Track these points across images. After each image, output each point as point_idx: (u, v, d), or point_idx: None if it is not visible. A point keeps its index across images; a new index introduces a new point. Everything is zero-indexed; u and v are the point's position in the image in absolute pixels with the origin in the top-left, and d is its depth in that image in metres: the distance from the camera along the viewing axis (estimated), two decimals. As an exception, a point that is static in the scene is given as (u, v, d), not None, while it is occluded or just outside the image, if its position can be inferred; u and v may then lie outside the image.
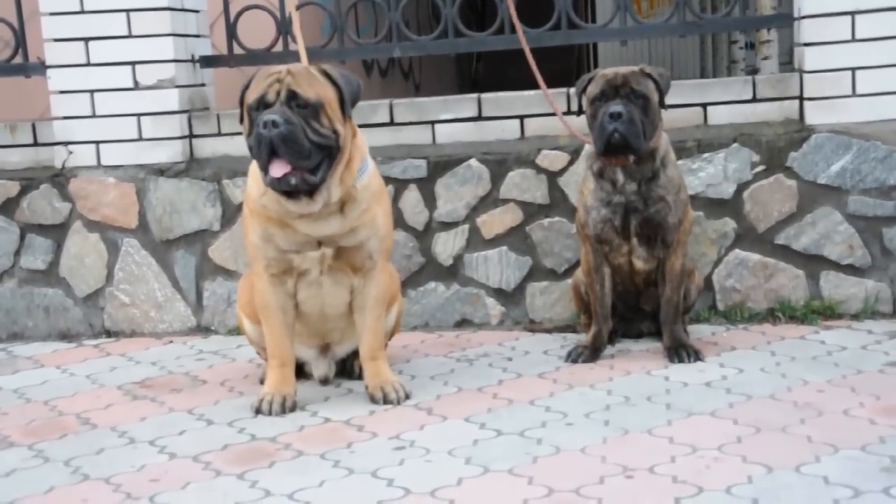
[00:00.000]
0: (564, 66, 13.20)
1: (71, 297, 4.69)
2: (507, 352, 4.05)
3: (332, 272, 3.43)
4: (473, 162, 4.42)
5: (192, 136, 4.67)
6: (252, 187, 3.40)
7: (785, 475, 2.64)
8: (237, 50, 4.74)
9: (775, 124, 4.31)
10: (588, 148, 3.85)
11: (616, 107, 3.60)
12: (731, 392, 3.36)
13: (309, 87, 3.21)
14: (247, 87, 3.31)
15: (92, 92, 4.57)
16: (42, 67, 4.64)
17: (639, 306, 4.02)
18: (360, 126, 3.55)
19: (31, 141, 4.79)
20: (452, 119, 4.53)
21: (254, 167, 3.39)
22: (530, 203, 4.41)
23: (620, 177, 3.74)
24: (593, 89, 3.72)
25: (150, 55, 4.52)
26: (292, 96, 3.18)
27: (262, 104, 3.20)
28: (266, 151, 3.15)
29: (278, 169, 3.15)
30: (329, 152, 3.23)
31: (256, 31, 4.73)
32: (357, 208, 3.36)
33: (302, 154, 3.15)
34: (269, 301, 3.43)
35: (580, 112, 3.83)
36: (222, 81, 5.21)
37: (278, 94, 3.19)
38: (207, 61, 4.80)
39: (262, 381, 3.67)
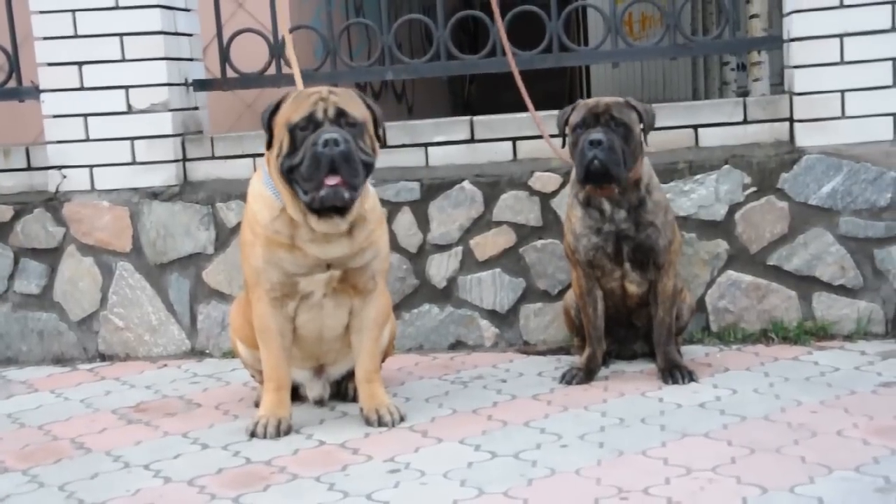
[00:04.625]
0: (557, 88, 13.25)
1: (65, 321, 4.68)
2: (502, 374, 4.05)
3: (334, 294, 3.44)
4: (466, 184, 4.44)
5: (185, 159, 4.68)
6: (260, 212, 3.36)
7: (779, 496, 2.65)
8: (230, 73, 4.76)
9: (766, 146, 4.34)
10: (574, 175, 3.86)
11: (596, 134, 3.63)
12: (725, 413, 3.37)
13: (354, 106, 3.27)
14: (275, 109, 3.29)
15: (86, 116, 4.58)
16: (36, 91, 4.65)
17: (631, 327, 4.03)
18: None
19: (24, 165, 4.79)
20: (445, 141, 4.55)
21: (258, 191, 3.36)
22: (523, 225, 4.42)
23: (607, 206, 3.76)
24: (575, 117, 3.75)
25: (143, 79, 4.54)
26: (341, 114, 3.22)
27: (312, 122, 3.21)
28: (326, 170, 3.16)
29: (333, 179, 3.17)
30: (368, 171, 3.29)
31: (250, 55, 4.75)
32: (365, 229, 3.39)
33: (355, 173, 3.21)
34: (269, 325, 3.43)
35: (564, 142, 3.85)
36: (216, 105, 5.23)
37: (325, 112, 3.21)
38: (201, 85, 4.82)
39: (256, 405, 3.67)
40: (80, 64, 4.55)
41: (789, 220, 4.25)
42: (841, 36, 4.15)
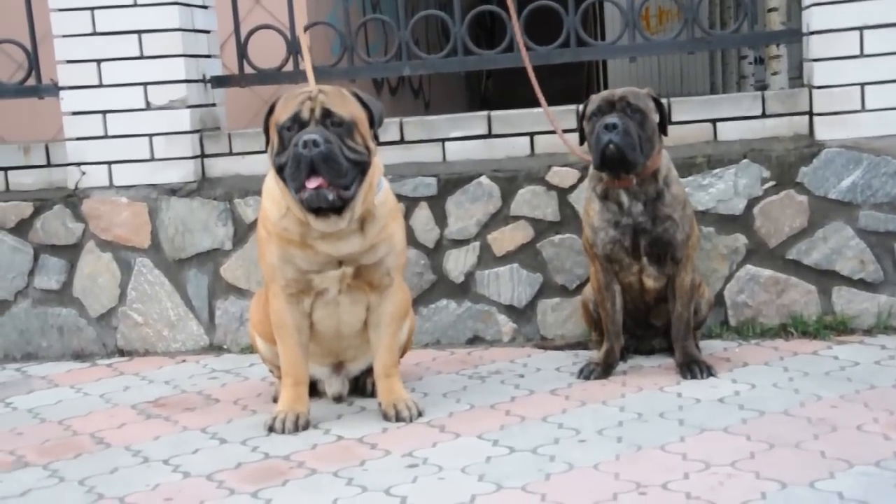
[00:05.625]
0: (575, 83, 13.24)
1: (84, 316, 4.71)
2: (519, 369, 4.05)
3: (350, 291, 3.45)
4: (484, 179, 4.44)
5: (203, 155, 4.70)
6: (270, 209, 3.39)
7: (799, 491, 2.64)
8: (248, 70, 4.77)
9: (785, 140, 4.32)
10: (592, 169, 3.85)
11: (611, 118, 3.62)
12: (743, 408, 3.35)
13: (342, 105, 3.24)
14: (271, 109, 3.32)
15: (104, 113, 4.60)
16: (55, 89, 4.67)
17: (649, 322, 4.02)
18: (369, 144, 3.57)
19: (44, 162, 4.82)
20: (462, 137, 4.55)
21: (269, 188, 3.40)
22: (541, 220, 4.42)
23: (625, 198, 3.75)
24: (591, 107, 3.75)
25: (161, 76, 4.55)
26: (327, 114, 3.20)
27: (297, 123, 3.21)
28: (305, 171, 3.15)
29: (314, 181, 3.15)
30: (362, 169, 3.26)
31: (267, 51, 4.76)
32: (376, 225, 3.38)
33: (340, 173, 3.17)
34: (286, 320, 3.44)
35: (582, 140, 3.84)
36: (233, 101, 5.24)
37: (312, 111, 3.20)
38: (218, 81, 4.83)
39: (275, 400, 3.68)
40: (98, 61, 4.57)
41: (808, 214, 4.23)
42: (861, 29, 4.12)
